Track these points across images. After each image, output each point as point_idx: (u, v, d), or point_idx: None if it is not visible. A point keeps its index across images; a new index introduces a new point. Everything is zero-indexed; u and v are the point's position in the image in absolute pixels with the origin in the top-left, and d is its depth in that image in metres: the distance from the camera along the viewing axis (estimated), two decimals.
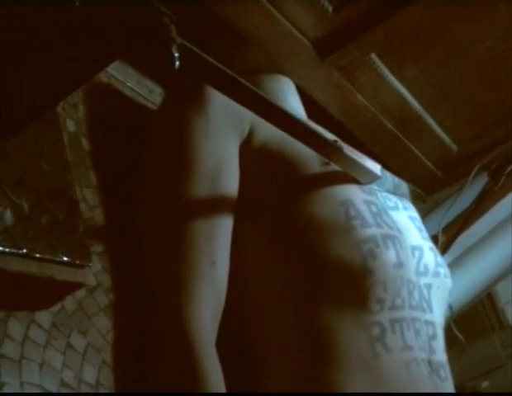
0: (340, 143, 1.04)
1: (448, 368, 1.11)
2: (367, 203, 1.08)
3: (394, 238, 1.07)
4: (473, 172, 1.38)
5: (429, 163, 1.58)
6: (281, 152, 1.08)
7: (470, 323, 1.93)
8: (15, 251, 0.80)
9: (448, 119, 1.49)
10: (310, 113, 1.35)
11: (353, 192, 1.08)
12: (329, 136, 1.16)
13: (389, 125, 1.44)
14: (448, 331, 1.74)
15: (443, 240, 1.68)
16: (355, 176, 1.08)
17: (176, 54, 0.72)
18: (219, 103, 1.06)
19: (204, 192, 1.04)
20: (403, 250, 1.08)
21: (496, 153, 1.44)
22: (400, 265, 1.05)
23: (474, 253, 1.78)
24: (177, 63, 0.73)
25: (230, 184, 1.07)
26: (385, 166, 1.31)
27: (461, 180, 1.61)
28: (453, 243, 1.66)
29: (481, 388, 1.78)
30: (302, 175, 1.08)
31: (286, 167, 1.09)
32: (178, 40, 0.74)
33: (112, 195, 1.07)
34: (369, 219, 1.06)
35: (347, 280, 1.02)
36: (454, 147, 1.56)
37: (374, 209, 1.08)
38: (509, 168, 1.68)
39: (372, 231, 1.05)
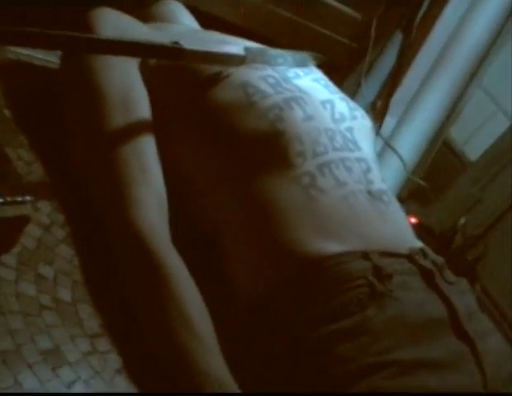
0: (181, 42, 1.11)
1: (390, 193, 1.20)
2: (264, 78, 1.19)
3: (297, 98, 1.18)
4: (373, 26, 1.47)
5: (341, 38, 1.67)
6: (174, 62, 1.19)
7: (437, 176, 2.01)
8: None
9: None
10: None
11: (247, 74, 1.19)
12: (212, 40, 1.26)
13: (288, 14, 1.54)
14: (416, 186, 1.86)
15: (380, 104, 1.78)
16: (220, 65, 1.17)
17: None
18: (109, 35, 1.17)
19: (121, 119, 1.15)
20: (309, 105, 1.18)
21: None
22: (309, 118, 1.16)
23: (415, 106, 1.86)
24: None
25: (142, 104, 1.19)
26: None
27: (377, 45, 1.71)
28: (390, 104, 1.75)
29: (460, 226, 1.88)
30: (200, 76, 1.19)
31: (183, 74, 1.20)
32: None
33: (47, 149, 1.20)
34: (268, 90, 1.17)
35: (264, 147, 1.14)
36: (357, 15, 1.65)
37: (272, 80, 1.19)
38: (417, 20, 1.77)
39: (273, 99, 1.16)
